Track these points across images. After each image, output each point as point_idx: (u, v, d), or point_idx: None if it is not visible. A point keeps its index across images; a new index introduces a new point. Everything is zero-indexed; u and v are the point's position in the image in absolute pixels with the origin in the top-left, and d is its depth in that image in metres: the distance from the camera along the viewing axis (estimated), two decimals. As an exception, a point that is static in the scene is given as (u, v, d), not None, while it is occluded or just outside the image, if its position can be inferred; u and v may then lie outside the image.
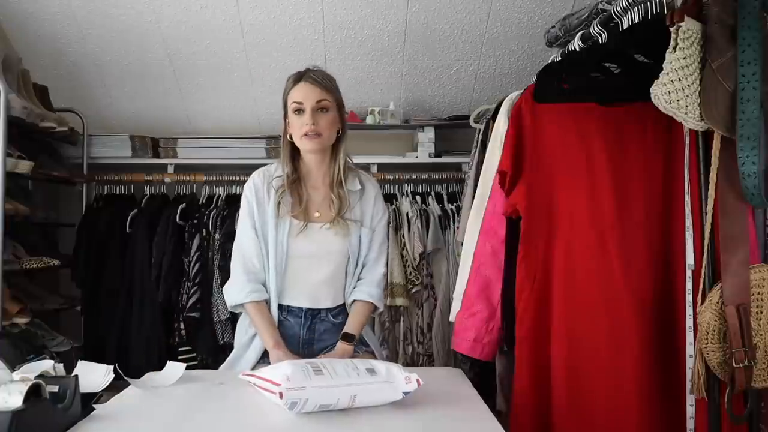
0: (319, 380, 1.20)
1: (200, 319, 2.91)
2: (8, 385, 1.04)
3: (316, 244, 1.71)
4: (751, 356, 1.28)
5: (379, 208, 1.81)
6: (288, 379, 1.18)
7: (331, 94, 1.67)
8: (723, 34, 1.29)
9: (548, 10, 2.77)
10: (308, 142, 1.66)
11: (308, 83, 1.66)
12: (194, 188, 3.18)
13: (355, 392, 1.22)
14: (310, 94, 1.65)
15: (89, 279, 2.97)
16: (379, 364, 1.31)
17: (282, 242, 1.69)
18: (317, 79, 1.66)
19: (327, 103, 1.65)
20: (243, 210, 1.75)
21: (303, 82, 1.66)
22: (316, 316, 1.73)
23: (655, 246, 1.52)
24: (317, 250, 1.71)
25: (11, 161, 2.46)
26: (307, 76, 1.67)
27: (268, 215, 1.71)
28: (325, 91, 1.66)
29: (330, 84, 1.68)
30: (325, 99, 1.65)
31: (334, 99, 1.68)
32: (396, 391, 1.26)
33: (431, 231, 2.94)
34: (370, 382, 1.24)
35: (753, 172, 1.25)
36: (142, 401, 1.33)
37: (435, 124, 3.17)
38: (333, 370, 1.24)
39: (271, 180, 1.73)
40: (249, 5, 2.75)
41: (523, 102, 1.64)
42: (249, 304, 1.68)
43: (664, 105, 1.29)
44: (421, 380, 1.27)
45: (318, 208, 1.73)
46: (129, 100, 3.23)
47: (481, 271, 1.77)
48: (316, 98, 1.64)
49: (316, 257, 1.71)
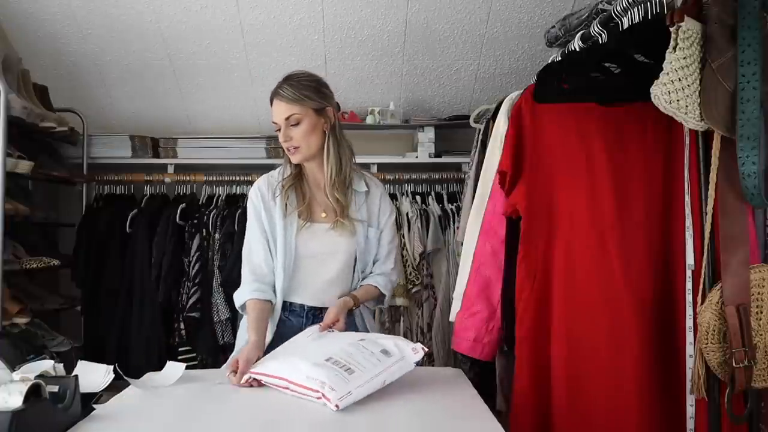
0: (356, 379, 1.30)
1: (200, 319, 2.91)
2: (8, 385, 1.04)
3: (321, 244, 1.72)
4: (751, 356, 1.28)
5: (386, 207, 1.82)
6: (332, 388, 1.26)
7: (299, 105, 1.66)
8: (723, 34, 1.29)
9: (548, 10, 2.77)
10: (291, 156, 1.70)
11: (277, 100, 1.68)
12: (194, 188, 3.18)
13: (384, 378, 1.34)
14: (279, 112, 1.67)
15: (89, 279, 2.97)
16: (386, 341, 1.43)
17: (290, 241, 1.70)
18: (284, 94, 1.67)
19: (297, 116, 1.65)
20: (250, 214, 1.76)
21: (275, 101, 1.69)
22: (317, 315, 1.73)
23: (655, 246, 1.52)
24: (323, 250, 1.72)
25: (11, 161, 2.46)
26: (276, 93, 1.69)
27: (276, 217, 1.72)
28: (294, 104, 1.66)
29: (301, 94, 1.66)
30: (293, 113, 1.65)
31: (304, 109, 1.66)
32: (409, 364, 1.39)
33: (431, 231, 2.94)
34: (390, 364, 1.36)
35: (753, 172, 1.25)
36: (142, 401, 1.33)
37: (435, 124, 3.17)
38: (358, 363, 1.34)
39: (276, 185, 1.75)
40: (249, 5, 2.75)
41: (523, 102, 1.64)
42: (250, 301, 1.68)
43: (664, 105, 1.29)
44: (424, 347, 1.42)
45: (324, 208, 1.74)
46: (129, 100, 3.23)
47: (481, 271, 1.77)
48: (284, 115, 1.66)
49: (323, 257, 1.73)
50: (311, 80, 1.71)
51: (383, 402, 1.31)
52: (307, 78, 1.72)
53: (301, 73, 1.73)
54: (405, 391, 1.41)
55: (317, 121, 1.68)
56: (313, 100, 1.67)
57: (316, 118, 1.68)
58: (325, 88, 1.72)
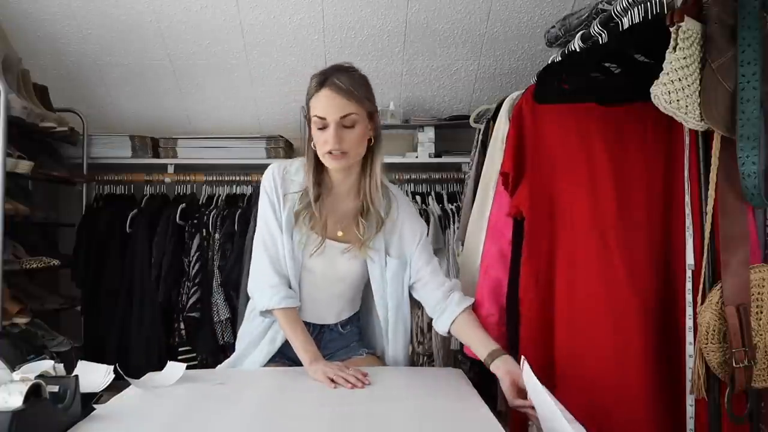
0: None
1: (200, 319, 2.91)
2: (8, 385, 1.04)
3: (331, 265, 1.57)
4: (751, 356, 1.28)
5: (416, 226, 1.63)
6: None
7: (359, 104, 1.43)
8: (723, 34, 1.29)
9: (548, 10, 2.77)
10: (332, 161, 1.46)
11: (332, 92, 1.41)
12: (194, 188, 3.18)
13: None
14: (333, 108, 1.41)
15: (89, 279, 2.97)
16: None
17: (297, 254, 1.55)
18: (342, 86, 1.41)
19: (355, 117, 1.42)
20: (264, 203, 1.56)
21: (326, 89, 1.42)
22: (324, 326, 1.67)
23: (656, 246, 1.52)
24: (332, 271, 1.57)
25: (11, 161, 2.46)
26: (330, 82, 1.42)
27: (284, 218, 1.55)
28: (353, 101, 1.41)
29: (359, 92, 1.43)
30: (352, 113, 1.42)
31: (363, 109, 1.44)
32: None
33: (431, 231, 2.93)
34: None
35: (753, 172, 1.25)
36: (142, 401, 1.33)
37: (435, 124, 3.17)
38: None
39: (291, 182, 1.57)
40: (249, 5, 2.75)
41: (524, 102, 1.64)
42: (280, 310, 1.52)
43: (664, 105, 1.29)
44: None
45: (343, 226, 1.56)
46: (129, 100, 3.23)
47: (490, 273, 1.74)
48: (340, 112, 1.41)
49: (328, 278, 1.58)
50: (363, 76, 1.49)
51: (383, 402, 1.31)
52: (360, 75, 1.49)
53: (350, 66, 1.49)
54: (405, 391, 1.41)
55: (367, 127, 1.48)
56: (370, 101, 1.47)
57: (367, 122, 1.48)
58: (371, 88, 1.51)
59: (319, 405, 1.28)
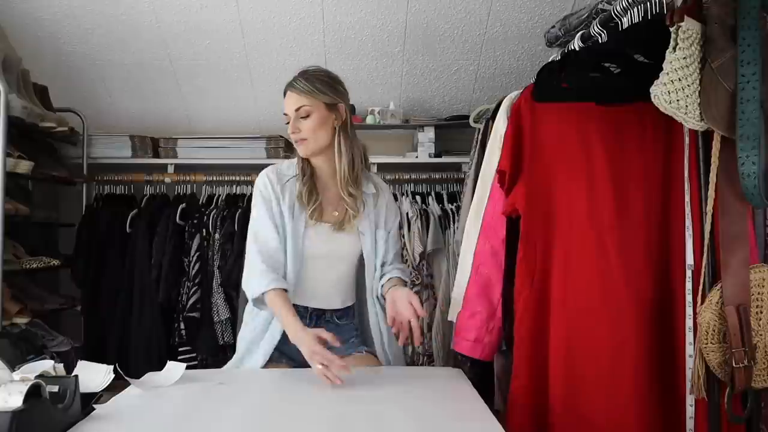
0: None
1: (200, 319, 2.91)
2: (8, 385, 1.04)
3: (328, 244, 1.70)
4: (750, 356, 1.28)
5: (392, 211, 1.82)
6: None
7: (311, 97, 1.65)
8: (723, 34, 1.29)
9: (548, 11, 2.77)
10: (297, 147, 1.69)
11: (290, 91, 1.68)
12: (194, 188, 3.18)
13: None
14: (290, 104, 1.67)
15: (89, 279, 2.97)
16: None
17: (298, 240, 1.67)
18: (297, 86, 1.67)
19: (307, 108, 1.65)
20: (258, 202, 1.71)
21: (287, 91, 1.69)
22: (320, 317, 1.72)
23: (655, 246, 1.52)
24: (330, 250, 1.71)
25: (11, 161, 2.46)
26: (290, 85, 1.69)
27: (285, 212, 1.68)
28: (305, 95, 1.65)
29: (315, 87, 1.66)
30: (304, 105, 1.65)
31: (315, 102, 1.65)
32: None
33: (431, 231, 2.94)
34: None
35: (753, 172, 1.25)
36: (142, 401, 1.33)
37: (435, 124, 3.17)
38: None
39: (285, 180, 1.72)
40: (249, 5, 2.75)
41: (523, 101, 1.64)
42: (271, 291, 1.59)
43: (664, 105, 1.29)
44: None
45: (335, 207, 1.72)
46: (129, 100, 3.23)
47: (481, 270, 1.77)
48: (294, 106, 1.65)
49: (329, 258, 1.71)
50: (325, 75, 1.71)
51: (383, 402, 1.31)
52: (322, 73, 1.72)
53: (316, 68, 1.73)
54: (404, 392, 1.41)
55: (327, 116, 1.67)
56: (326, 94, 1.67)
57: (327, 113, 1.67)
58: (339, 85, 1.72)
59: (319, 405, 1.28)
